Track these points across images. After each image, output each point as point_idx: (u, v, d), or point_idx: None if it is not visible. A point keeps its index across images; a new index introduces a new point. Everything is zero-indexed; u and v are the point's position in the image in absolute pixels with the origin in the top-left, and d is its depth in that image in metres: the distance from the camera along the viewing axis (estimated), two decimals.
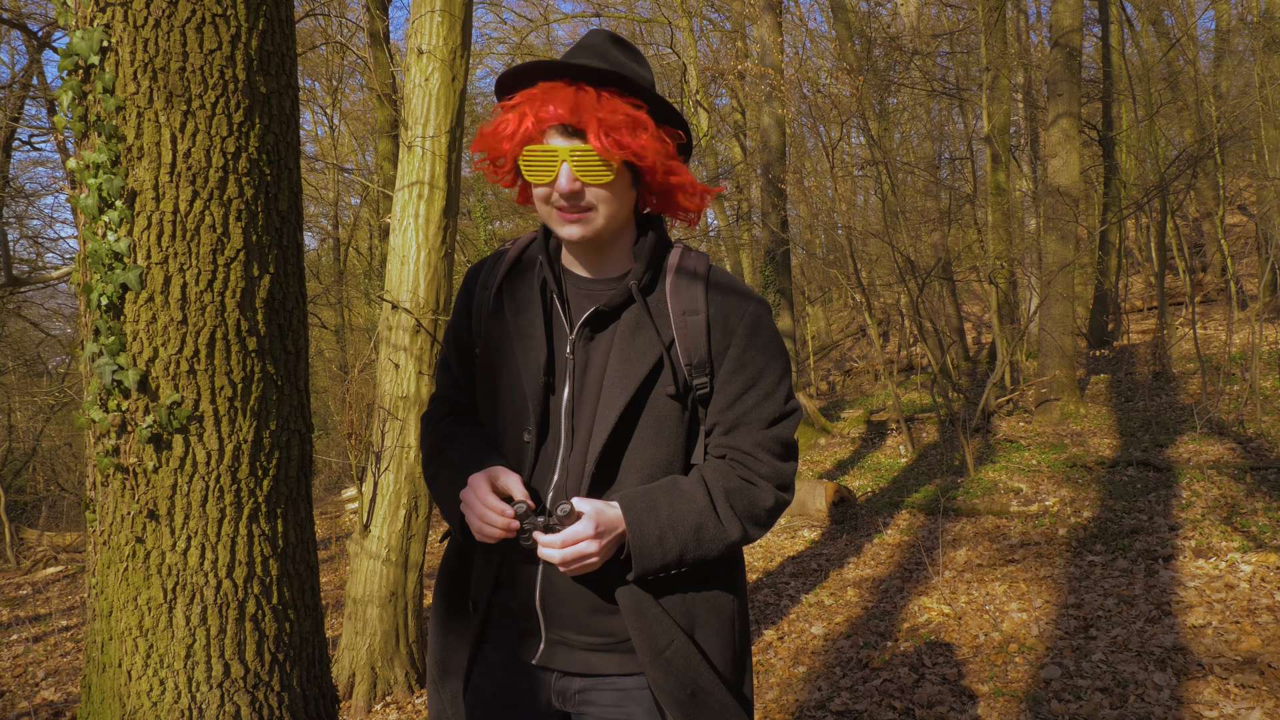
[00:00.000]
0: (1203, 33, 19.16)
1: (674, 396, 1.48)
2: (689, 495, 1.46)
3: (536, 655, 1.54)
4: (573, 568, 1.40)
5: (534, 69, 1.43)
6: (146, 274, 2.05)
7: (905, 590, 5.46)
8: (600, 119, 1.38)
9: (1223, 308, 14.97)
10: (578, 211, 1.43)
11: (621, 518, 1.43)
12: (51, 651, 6.51)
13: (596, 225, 1.45)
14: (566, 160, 1.39)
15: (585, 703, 1.54)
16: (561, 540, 1.38)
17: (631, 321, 1.50)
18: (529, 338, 1.52)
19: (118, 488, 2.11)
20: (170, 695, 2.11)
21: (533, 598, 1.51)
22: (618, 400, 1.45)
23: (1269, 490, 6.11)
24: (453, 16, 4.48)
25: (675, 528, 1.44)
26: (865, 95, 11.13)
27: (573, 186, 1.41)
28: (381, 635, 4.54)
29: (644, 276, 1.51)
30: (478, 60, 19.97)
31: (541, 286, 1.55)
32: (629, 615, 1.47)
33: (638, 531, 1.42)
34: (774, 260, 13.62)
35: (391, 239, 4.62)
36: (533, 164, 1.42)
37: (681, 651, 1.48)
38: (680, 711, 1.47)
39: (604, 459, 1.47)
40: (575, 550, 1.38)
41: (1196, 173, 14.39)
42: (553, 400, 1.52)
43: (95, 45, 2.01)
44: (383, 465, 4.56)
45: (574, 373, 1.51)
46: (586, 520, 1.39)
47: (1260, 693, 3.51)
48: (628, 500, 1.44)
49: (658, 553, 1.43)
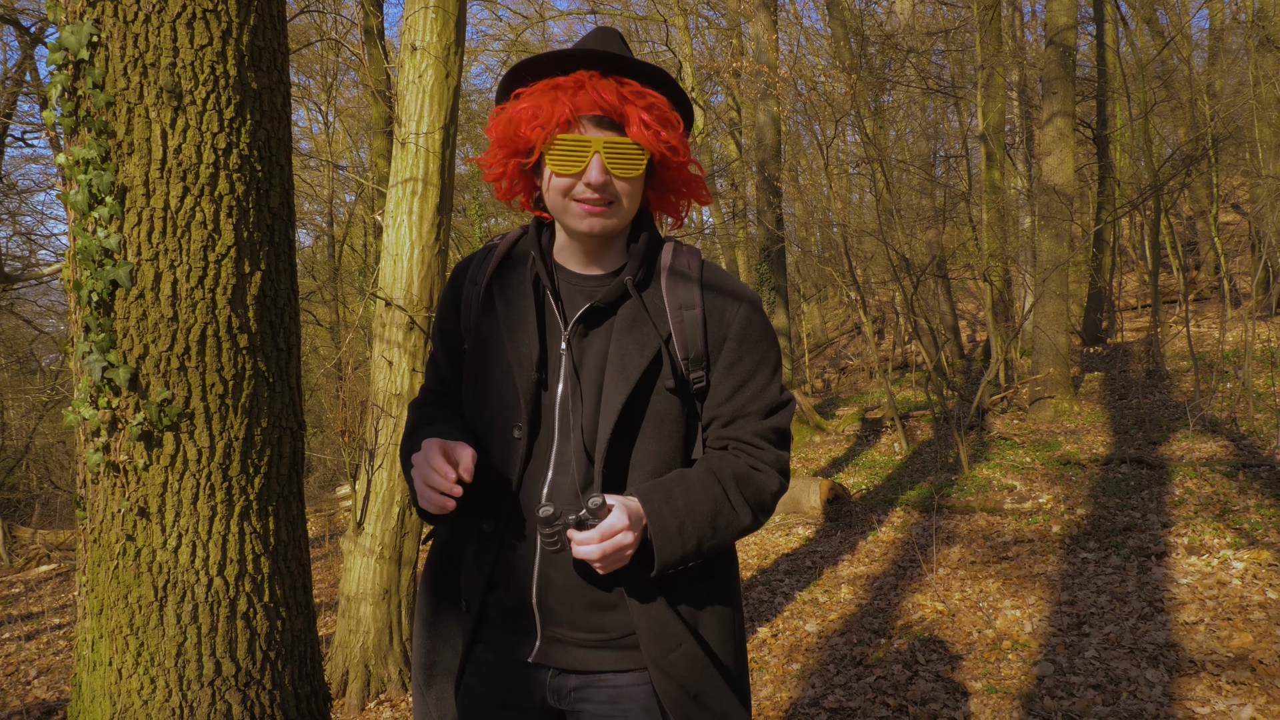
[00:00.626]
0: (1197, 31, 19.21)
1: (673, 390, 1.48)
2: (702, 484, 1.46)
3: (532, 653, 1.53)
4: (611, 562, 1.37)
5: (570, 57, 1.42)
6: (137, 270, 2.04)
7: (899, 587, 5.47)
8: (641, 111, 1.39)
9: (1216, 306, 15.02)
10: (603, 205, 1.43)
11: (640, 509, 1.41)
12: (44, 650, 6.50)
13: (616, 219, 1.45)
14: (599, 151, 1.39)
15: (581, 700, 1.53)
16: (600, 534, 1.33)
17: (628, 317, 1.49)
18: (520, 333, 1.51)
19: (108, 485, 2.10)
20: (161, 693, 2.10)
21: (529, 596, 1.50)
22: (619, 394, 1.45)
23: (1261, 488, 6.13)
24: (447, 13, 4.46)
25: (693, 516, 1.43)
26: (860, 93, 11.13)
27: (603, 178, 1.40)
28: (375, 633, 4.53)
29: (639, 273, 1.51)
30: (472, 57, 19.94)
31: (534, 282, 1.54)
32: (638, 614, 1.46)
33: (659, 523, 1.40)
34: (769, 258, 13.62)
35: (385, 236, 4.61)
36: (563, 153, 1.40)
37: (688, 654, 1.47)
38: (682, 714, 1.46)
39: (610, 453, 1.46)
40: (614, 542, 1.34)
41: (1190, 171, 14.41)
42: (545, 396, 1.50)
43: (85, 40, 2.00)
44: (376, 462, 4.55)
45: (566, 369, 1.50)
46: (619, 511, 1.36)
47: (1252, 689, 3.52)
48: (644, 493, 1.43)
49: (678, 543, 1.42)
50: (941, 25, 16.10)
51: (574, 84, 1.39)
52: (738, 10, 17.23)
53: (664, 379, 1.47)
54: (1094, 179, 15.33)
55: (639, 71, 1.43)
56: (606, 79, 1.40)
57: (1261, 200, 12.02)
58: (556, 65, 1.44)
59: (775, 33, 13.68)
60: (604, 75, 1.41)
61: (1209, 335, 12.68)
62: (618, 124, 1.40)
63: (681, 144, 1.44)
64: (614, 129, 1.40)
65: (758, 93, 13.29)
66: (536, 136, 1.40)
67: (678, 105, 1.48)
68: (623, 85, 1.40)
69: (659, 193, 1.55)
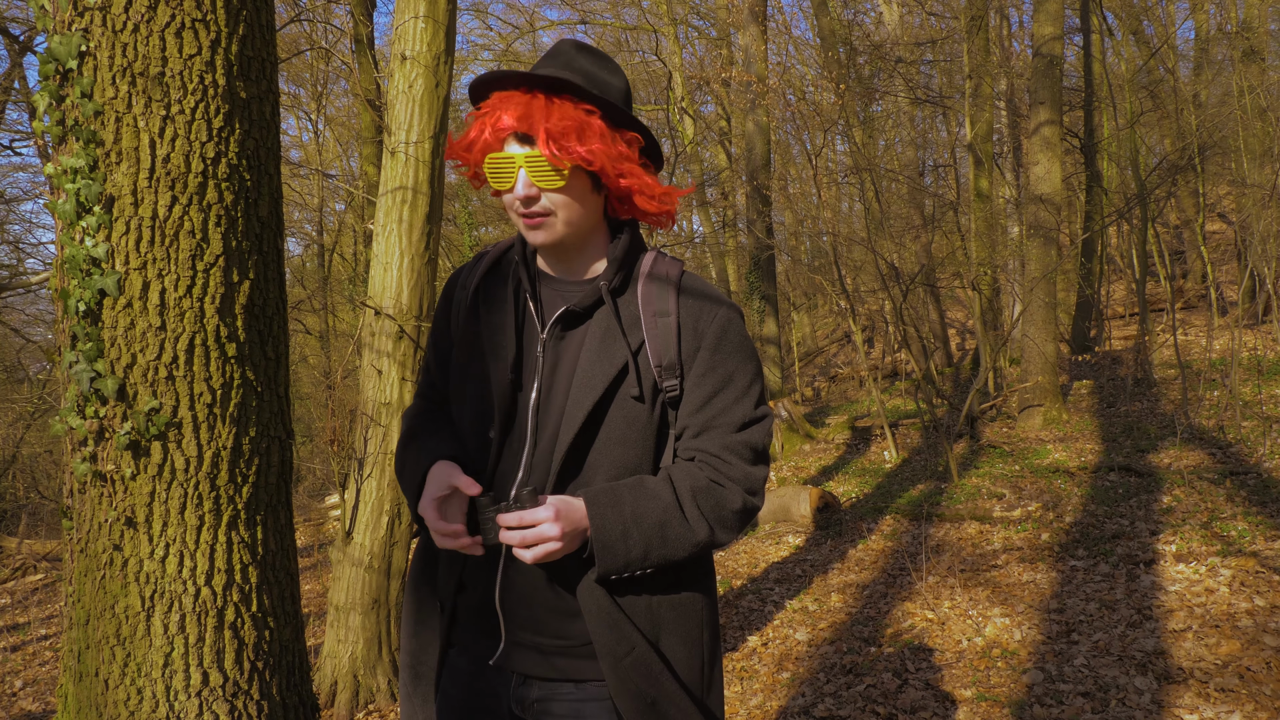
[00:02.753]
0: (1182, 42, 19.37)
1: (638, 399, 1.49)
2: (654, 493, 1.46)
3: (495, 656, 1.54)
4: (535, 553, 1.37)
5: (492, 80, 1.47)
6: (125, 279, 2.04)
7: (889, 595, 5.47)
8: (547, 126, 1.40)
9: (1203, 314, 15.12)
10: (537, 217, 1.46)
11: (583, 512, 1.42)
12: (30, 660, 6.45)
13: (557, 230, 1.48)
14: (523, 166, 1.43)
15: (543, 712, 1.54)
16: (519, 519, 1.36)
17: (602, 322, 1.51)
18: (499, 336, 1.54)
19: (95, 495, 2.09)
20: (148, 704, 2.09)
21: (492, 596, 1.52)
22: (585, 400, 1.46)
23: (1248, 496, 6.16)
24: (436, 23, 4.47)
25: (639, 524, 1.43)
26: (849, 103, 11.19)
27: (528, 192, 1.44)
28: (364, 643, 4.51)
29: (615, 279, 1.53)
30: (462, 67, 19.96)
31: (515, 287, 1.58)
32: (590, 618, 1.47)
33: (600, 526, 1.41)
34: (759, 266, 13.66)
35: (375, 245, 4.60)
36: (494, 172, 1.46)
37: (642, 660, 1.46)
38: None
39: (570, 458, 1.47)
40: (535, 532, 1.36)
41: (1177, 180, 14.52)
42: (520, 398, 1.53)
43: (73, 49, 1.99)
44: (365, 472, 4.54)
45: (542, 371, 1.52)
46: (548, 506, 1.38)
47: (1240, 696, 3.54)
48: (591, 495, 1.44)
49: (621, 549, 1.42)
50: (929, 35, 16.20)
51: (496, 105, 1.45)
52: (727, 21, 17.31)
53: (629, 387, 1.48)
54: (1081, 188, 15.42)
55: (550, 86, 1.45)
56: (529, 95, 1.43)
57: (1247, 209, 12.11)
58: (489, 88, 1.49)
59: (765, 43, 13.75)
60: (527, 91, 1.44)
61: (1196, 343, 12.75)
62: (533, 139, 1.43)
63: (603, 154, 1.44)
64: (533, 144, 1.43)
65: (747, 103, 13.34)
66: (476, 160, 1.49)
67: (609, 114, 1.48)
68: (534, 99, 1.43)
69: (620, 201, 1.56)
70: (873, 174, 11.93)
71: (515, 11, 26.23)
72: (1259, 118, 13.11)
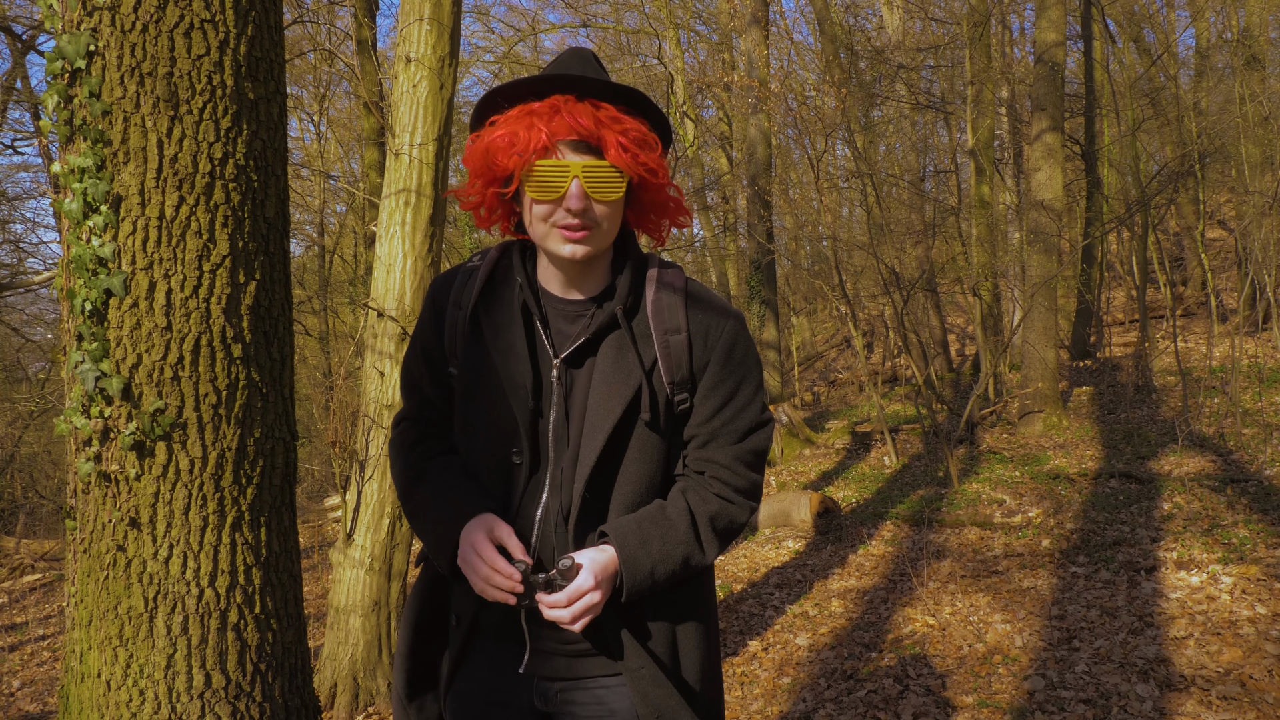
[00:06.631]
0: (1183, 50, 19.38)
1: (653, 417, 1.49)
2: (674, 523, 1.49)
3: (522, 664, 1.56)
4: (582, 622, 1.40)
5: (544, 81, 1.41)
6: (131, 279, 2.03)
7: (890, 601, 5.46)
8: (618, 135, 1.38)
9: (1203, 321, 15.11)
10: (583, 229, 1.41)
11: (614, 559, 1.44)
12: (28, 661, 6.43)
13: (599, 242, 1.44)
14: (578, 175, 1.38)
15: (566, 703, 1.56)
16: (567, 598, 1.38)
17: (615, 344, 1.49)
18: (513, 361, 1.50)
19: (99, 495, 2.09)
20: (150, 706, 2.08)
21: (518, 614, 1.54)
22: (604, 423, 1.46)
23: (1249, 503, 6.16)
24: (441, 25, 4.47)
25: (665, 561, 1.47)
26: (850, 108, 11.20)
27: (583, 203, 1.38)
28: (364, 645, 4.50)
29: (629, 300, 1.51)
30: (465, 69, 19.97)
31: (522, 308, 1.52)
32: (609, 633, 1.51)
33: (632, 570, 1.45)
34: (760, 271, 13.66)
35: (378, 247, 4.60)
36: (542, 179, 1.38)
37: (652, 676, 1.50)
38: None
39: (592, 480, 1.48)
40: (583, 604, 1.39)
41: (1177, 187, 14.53)
42: (540, 424, 1.51)
43: (82, 49, 1.99)
44: (366, 473, 4.53)
45: (559, 396, 1.51)
46: (586, 571, 1.39)
47: (1242, 704, 3.53)
48: (620, 537, 1.45)
49: (648, 586, 1.47)
50: (931, 41, 16.22)
51: (549, 109, 1.38)
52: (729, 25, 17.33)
53: (644, 409, 1.48)
54: (1082, 195, 15.43)
55: (615, 94, 1.41)
56: (582, 103, 1.39)
57: (1247, 217, 12.12)
58: (531, 90, 1.43)
59: (766, 47, 13.77)
60: (579, 99, 1.40)
61: (1196, 350, 12.75)
62: (595, 148, 1.39)
63: (660, 166, 1.44)
64: (592, 153, 1.39)
65: (749, 107, 13.36)
66: (514, 164, 1.39)
67: (655, 126, 1.47)
68: (598, 109, 1.39)
69: (638, 213, 1.54)
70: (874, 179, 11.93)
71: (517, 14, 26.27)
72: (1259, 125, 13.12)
